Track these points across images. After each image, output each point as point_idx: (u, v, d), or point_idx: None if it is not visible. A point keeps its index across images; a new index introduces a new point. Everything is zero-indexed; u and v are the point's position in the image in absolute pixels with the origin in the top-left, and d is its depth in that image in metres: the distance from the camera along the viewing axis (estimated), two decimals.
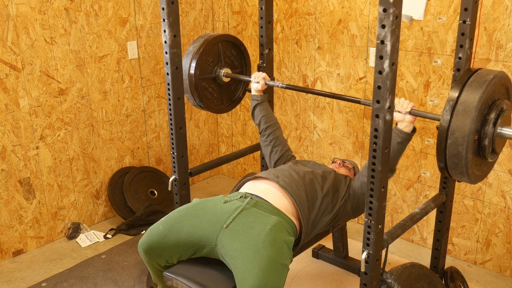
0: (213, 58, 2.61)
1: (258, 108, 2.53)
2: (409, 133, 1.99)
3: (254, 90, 2.55)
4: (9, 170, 2.89)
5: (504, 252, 2.77)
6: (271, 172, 2.24)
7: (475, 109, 1.69)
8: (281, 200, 2.10)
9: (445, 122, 1.74)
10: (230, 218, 1.94)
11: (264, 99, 2.55)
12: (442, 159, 1.78)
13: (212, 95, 2.64)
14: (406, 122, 1.98)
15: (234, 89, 2.78)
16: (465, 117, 1.70)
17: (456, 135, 1.71)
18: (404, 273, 2.11)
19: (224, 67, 2.63)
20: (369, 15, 2.92)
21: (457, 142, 1.71)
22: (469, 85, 1.75)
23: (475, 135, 1.73)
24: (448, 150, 1.75)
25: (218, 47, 2.63)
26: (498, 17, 2.47)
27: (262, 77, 2.51)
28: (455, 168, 1.76)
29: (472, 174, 1.80)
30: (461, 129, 1.70)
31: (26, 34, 2.81)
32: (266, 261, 1.80)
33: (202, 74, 2.55)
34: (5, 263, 2.95)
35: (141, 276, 2.78)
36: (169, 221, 2.02)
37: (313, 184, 2.17)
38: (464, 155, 1.71)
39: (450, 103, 1.75)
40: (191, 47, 2.56)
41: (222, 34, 2.67)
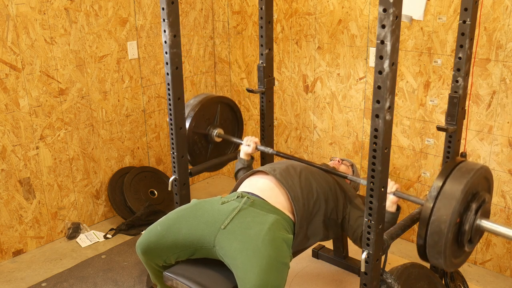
0: (210, 116, 2.67)
1: (242, 172, 2.55)
2: (394, 212, 2.03)
3: (243, 152, 2.56)
4: (9, 170, 2.89)
5: (504, 252, 2.77)
6: (268, 166, 2.27)
7: (456, 201, 1.74)
8: (277, 197, 2.10)
9: (427, 209, 1.79)
10: (228, 219, 1.94)
11: (250, 163, 2.58)
12: (423, 251, 1.84)
13: (200, 151, 2.68)
14: (389, 202, 2.01)
15: (223, 149, 2.82)
16: (448, 205, 1.75)
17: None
18: (404, 273, 2.11)
19: (217, 127, 2.69)
20: (369, 15, 2.92)
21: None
22: (454, 175, 1.81)
23: (456, 221, 1.78)
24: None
25: (217, 107, 2.69)
26: (498, 17, 2.47)
27: (254, 141, 2.54)
28: (435, 259, 1.82)
29: (451, 265, 1.86)
30: (442, 216, 1.74)
31: (26, 34, 2.81)
32: (267, 260, 1.80)
33: (196, 127, 2.59)
34: (5, 263, 2.95)
35: (141, 276, 2.78)
36: (167, 222, 2.02)
37: (309, 180, 2.18)
38: (443, 250, 1.77)
39: (433, 191, 1.80)
40: (192, 100, 2.63)
41: (224, 96, 2.76)
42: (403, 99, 2.91)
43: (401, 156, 3.00)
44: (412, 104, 2.88)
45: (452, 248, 1.82)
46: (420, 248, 1.85)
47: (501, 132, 2.60)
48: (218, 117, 2.71)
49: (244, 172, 2.53)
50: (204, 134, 2.67)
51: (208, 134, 2.68)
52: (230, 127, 2.83)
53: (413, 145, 2.94)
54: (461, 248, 1.88)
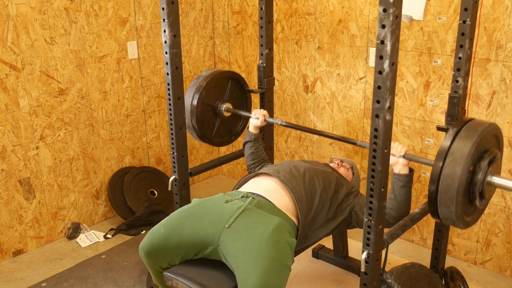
0: (220, 90, 2.66)
1: (249, 144, 2.57)
2: (408, 174, 2.01)
3: (252, 126, 2.57)
4: (9, 170, 2.89)
5: (504, 252, 2.77)
6: (272, 167, 2.26)
7: (465, 161, 1.71)
8: (282, 199, 2.10)
9: (438, 167, 1.75)
10: (232, 218, 1.93)
11: (258, 137, 2.58)
12: (434, 205, 1.80)
13: (209, 124, 2.67)
14: (401, 165, 2.00)
15: (231, 125, 2.81)
16: (458, 162, 1.71)
17: (448, 179, 1.73)
18: (404, 273, 2.11)
19: (226, 102, 2.68)
20: (369, 15, 2.92)
21: (449, 186, 1.73)
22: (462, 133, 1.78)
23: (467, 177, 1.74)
24: (439, 194, 1.76)
25: (228, 82, 2.68)
26: (498, 17, 2.47)
27: (263, 114, 2.54)
28: (447, 212, 1.78)
29: (463, 222, 1.82)
30: (453, 173, 1.71)
31: (26, 34, 2.81)
32: (269, 261, 1.80)
33: (206, 99, 2.58)
34: (5, 263, 2.95)
35: (141, 276, 2.78)
36: (170, 223, 2.01)
37: (313, 181, 2.18)
38: (455, 199, 1.73)
39: (443, 149, 1.76)
40: (204, 72, 2.62)
41: (234, 72, 2.74)
42: (403, 99, 2.91)
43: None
44: (412, 104, 2.88)
45: (464, 204, 1.78)
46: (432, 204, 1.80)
47: None
48: (228, 92, 2.68)
49: (251, 146, 2.55)
50: (212, 107, 2.65)
51: (216, 108, 2.66)
52: (239, 104, 2.79)
53: (413, 145, 2.94)
54: (473, 205, 1.83)
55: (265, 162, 2.57)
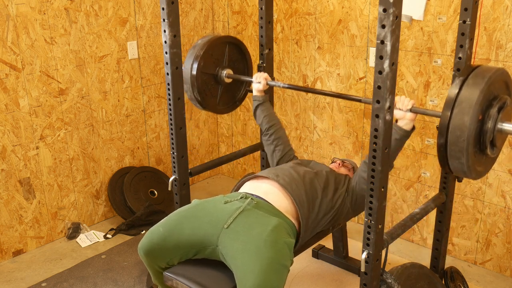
0: (218, 57, 2.62)
1: (260, 108, 2.54)
2: (409, 130, 1.98)
3: (255, 90, 2.56)
4: (9, 170, 2.89)
5: (504, 252, 2.77)
6: (271, 171, 2.25)
7: (473, 109, 1.66)
8: (281, 201, 2.09)
9: (446, 118, 1.69)
10: (231, 219, 1.93)
11: (266, 99, 2.56)
12: (444, 156, 1.75)
13: (211, 92, 2.64)
14: (407, 120, 1.96)
15: (234, 90, 2.78)
16: (466, 111, 1.65)
17: (457, 130, 1.67)
18: (404, 273, 2.11)
19: (226, 68, 2.64)
20: (369, 15, 2.92)
21: (458, 137, 1.67)
22: (469, 81, 1.72)
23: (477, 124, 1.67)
24: (449, 146, 1.71)
25: (225, 48, 2.64)
26: (498, 17, 2.47)
27: (264, 77, 2.52)
28: (457, 164, 1.72)
29: (474, 170, 1.76)
30: (461, 123, 1.66)
31: (26, 34, 2.81)
32: (267, 261, 1.80)
33: (205, 68, 2.55)
34: (5, 263, 2.95)
35: (141, 276, 2.78)
36: (170, 223, 2.01)
37: (313, 184, 2.17)
38: (466, 150, 1.67)
39: (450, 98, 1.71)
40: (199, 41, 2.57)
41: (230, 36, 2.69)
42: None
43: (401, 156, 3.00)
44: None
45: (475, 154, 1.73)
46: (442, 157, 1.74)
47: None
48: (226, 57, 2.65)
49: (262, 109, 2.53)
50: (213, 75, 2.62)
51: (217, 75, 2.63)
52: (240, 68, 2.76)
53: (413, 145, 2.94)
54: (484, 153, 1.78)
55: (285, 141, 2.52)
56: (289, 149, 2.53)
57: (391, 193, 3.13)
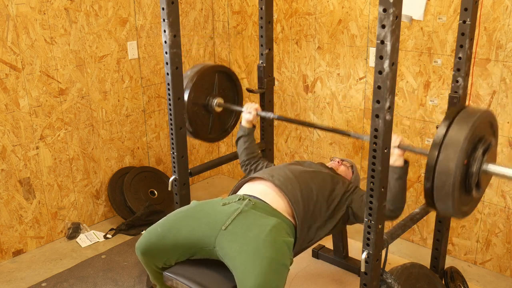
0: (208, 86, 2.64)
1: (243, 139, 2.54)
2: (402, 166, 1.97)
3: (244, 120, 2.55)
4: (9, 170, 2.89)
5: (504, 252, 2.77)
6: (266, 171, 2.25)
7: (460, 150, 1.70)
8: (278, 201, 2.09)
9: (432, 161, 1.73)
10: (229, 220, 1.94)
11: (251, 131, 2.55)
12: (431, 199, 1.79)
13: (202, 122, 2.65)
14: (396, 156, 1.95)
15: (225, 118, 2.79)
16: (451, 157, 1.69)
17: (443, 176, 1.71)
18: (404, 273, 2.11)
19: (217, 96, 2.66)
20: (369, 15, 2.92)
21: (444, 182, 1.71)
22: (454, 126, 1.76)
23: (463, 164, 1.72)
24: (435, 191, 1.75)
25: (215, 77, 2.66)
26: (498, 17, 2.47)
27: (254, 108, 2.52)
28: (444, 207, 1.77)
29: (460, 211, 1.81)
30: (447, 169, 1.70)
31: (26, 34, 2.81)
32: (267, 261, 1.80)
33: (195, 99, 2.57)
34: (5, 263, 2.95)
35: (141, 276, 2.78)
36: (167, 223, 2.01)
37: (308, 183, 2.17)
38: (451, 195, 1.71)
39: (438, 139, 1.75)
40: (189, 71, 2.59)
41: (220, 64, 2.72)
42: (403, 99, 2.91)
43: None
44: (412, 104, 2.88)
45: (460, 196, 1.76)
46: (430, 204, 1.78)
47: (501, 132, 2.60)
48: (216, 86, 2.66)
49: (244, 141, 2.52)
50: (204, 105, 2.63)
51: (208, 105, 2.64)
52: (230, 96, 2.77)
53: (413, 145, 2.93)
54: (469, 193, 1.81)
55: (260, 160, 2.54)
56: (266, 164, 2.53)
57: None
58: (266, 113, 2.53)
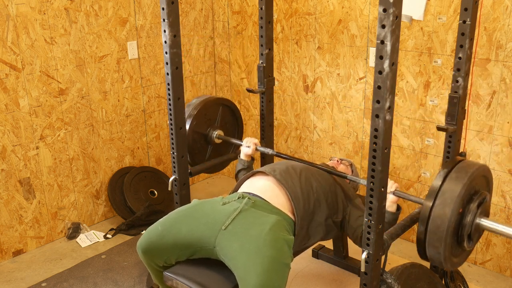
0: (211, 117, 2.68)
1: (242, 173, 2.56)
2: (394, 212, 2.03)
3: (243, 154, 2.57)
4: (9, 170, 2.89)
5: (504, 252, 2.77)
6: (268, 166, 2.27)
7: (458, 196, 1.73)
8: (278, 197, 2.10)
9: (428, 207, 1.78)
10: (229, 220, 1.94)
11: (250, 164, 2.58)
12: (422, 243, 1.82)
13: (199, 151, 2.67)
14: (389, 202, 2.02)
15: (223, 151, 2.81)
16: (448, 203, 1.74)
17: (438, 220, 1.75)
18: (404, 273, 2.11)
19: (218, 129, 2.69)
20: (369, 15, 2.92)
21: (438, 227, 1.75)
22: (453, 175, 1.81)
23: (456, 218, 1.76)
24: (428, 234, 1.79)
25: (219, 109, 2.70)
26: (498, 17, 2.47)
27: (254, 142, 2.55)
28: (435, 253, 1.80)
29: (450, 260, 1.84)
30: (443, 214, 1.73)
31: (26, 34, 2.81)
32: (268, 260, 1.80)
33: (197, 127, 2.60)
34: (5, 263, 2.95)
35: (141, 276, 2.78)
36: (168, 222, 2.02)
37: (309, 179, 2.18)
38: (444, 240, 1.75)
39: (433, 190, 1.79)
40: (194, 100, 2.65)
41: (226, 98, 2.76)
42: (403, 99, 2.91)
43: (401, 156, 3.00)
44: (412, 104, 2.88)
45: (452, 246, 1.81)
46: (420, 244, 1.84)
47: (501, 132, 2.60)
48: (219, 119, 2.72)
49: (244, 173, 2.53)
50: (204, 135, 2.68)
51: (208, 135, 2.69)
52: (230, 130, 2.83)
53: (413, 145, 2.94)
54: (461, 246, 1.87)
55: None
56: None
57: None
58: (265, 149, 2.55)
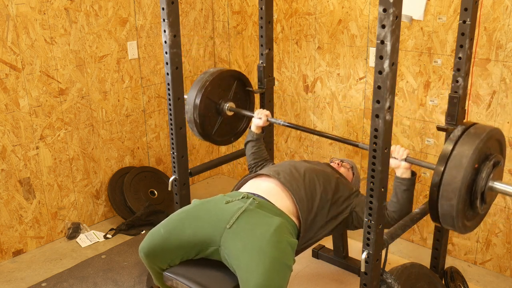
0: (225, 89, 2.65)
1: (251, 144, 2.57)
2: (410, 177, 2.01)
3: (254, 126, 2.57)
4: (9, 170, 2.89)
5: (504, 252, 2.77)
6: (272, 168, 2.26)
7: (471, 155, 1.71)
8: (283, 200, 2.10)
9: (439, 173, 1.75)
10: (233, 219, 1.93)
11: (260, 137, 2.58)
12: (435, 196, 1.79)
13: (210, 121, 2.66)
14: (403, 169, 2.00)
15: (232, 125, 2.80)
16: (459, 168, 1.71)
17: (453, 170, 1.72)
18: (404, 273, 2.11)
19: (230, 101, 2.67)
20: (369, 15, 2.92)
21: (453, 177, 1.72)
22: (471, 130, 1.78)
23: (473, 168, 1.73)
24: (443, 186, 1.75)
25: (234, 82, 2.68)
26: (498, 17, 2.47)
27: (265, 114, 2.54)
28: (447, 206, 1.77)
29: (462, 222, 1.81)
30: (459, 164, 1.71)
31: (26, 34, 2.81)
32: (270, 261, 1.80)
33: (211, 94, 2.57)
34: (5, 263, 2.95)
35: (141, 276, 2.78)
36: (170, 224, 2.01)
37: (313, 182, 2.17)
38: (459, 191, 1.72)
39: (444, 155, 1.76)
40: (211, 69, 2.62)
41: (241, 73, 2.75)
42: (403, 99, 2.91)
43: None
44: (412, 104, 2.88)
45: (465, 202, 1.77)
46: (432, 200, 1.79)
47: None
48: (232, 92, 2.68)
49: (252, 145, 2.55)
50: (216, 104, 2.64)
51: (219, 106, 2.65)
52: (242, 106, 2.79)
53: (413, 145, 2.94)
54: (473, 208, 1.82)
55: (266, 161, 2.57)
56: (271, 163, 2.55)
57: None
58: (276, 120, 2.55)
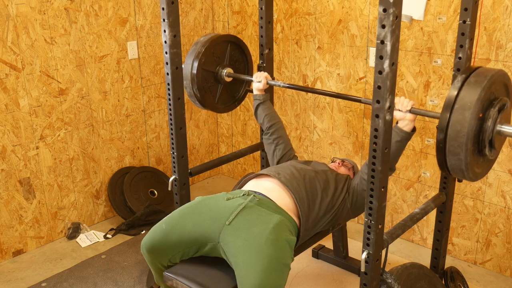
0: (219, 56, 2.62)
1: (261, 107, 2.55)
2: (409, 132, 1.98)
3: (256, 89, 2.56)
4: (9, 170, 2.89)
5: (504, 252, 2.77)
6: (272, 169, 2.26)
7: (474, 105, 1.65)
8: (283, 198, 2.10)
9: (445, 119, 1.69)
10: (233, 215, 1.94)
11: (266, 98, 2.57)
12: (442, 157, 1.75)
13: (210, 90, 2.64)
14: (407, 121, 1.97)
15: (233, 90, 2.77)
16: (468, 107, 1.65)
17: (456, 132, 1.67)
18: (404, 273, 2.11)
19: (227, 67, 2.64)
20: (369, 15, 2.92)
21: (458, 132, 1.67)
22: (471, 79, 1.72)
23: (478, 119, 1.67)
24: (448, 142, 1.70)
25: (227, 47, 2.64)
26: (498, 17, 2.47)
27: (264, 76, 2.54)
28: (455, 160, 1.72)
29: (472, 172, 1.76)
30: (462, 118, 1.65)
31: (26, 34, 2.81)
32: (269, 260, 1.80)
33: (206, 65, 2.54)
34: (5, 263, 2.95)
35: (141, 276, 2.78)
36: (172, 219, 2.02)
37: (313, 182, 2.18)
38: (465, 145, 1.66)
39: (452, 95, 1.70)
40: (201, 38, 2.58)
41: (232, 35, 2.69)
42: None
43: (401, 156, 3.00)
44: None
45: (473, 153, 1.73)
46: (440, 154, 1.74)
47: None
48: (228, 57, 2.66)
49: (263, 108, 2.54)
50: (213, 73, 2.62)
51: (217, 74, 2.63)
52: (240, 68, 2.76)
53: (413, 145, 2.94)
54: (482, 154, 1.77)
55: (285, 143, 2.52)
56: (290, 148, 2.54)
57: (391, 193, 3.13)
58: (276, 82, 2.53)
